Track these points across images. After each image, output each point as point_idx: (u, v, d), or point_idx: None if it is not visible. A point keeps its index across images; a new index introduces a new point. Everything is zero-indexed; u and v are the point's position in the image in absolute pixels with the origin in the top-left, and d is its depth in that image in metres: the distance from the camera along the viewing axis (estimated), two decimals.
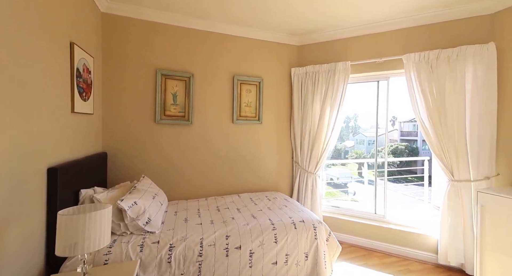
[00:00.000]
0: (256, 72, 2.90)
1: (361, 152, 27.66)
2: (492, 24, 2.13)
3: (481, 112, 2.11)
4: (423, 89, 2.28)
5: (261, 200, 2.49)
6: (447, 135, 2.22)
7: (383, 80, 2.73)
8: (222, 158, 2.76)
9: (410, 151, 22.10)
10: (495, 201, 1.79)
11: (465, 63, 2.14)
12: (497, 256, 1.78)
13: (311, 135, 2.87)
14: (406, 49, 2.43)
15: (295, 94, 2.96)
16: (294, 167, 3.07)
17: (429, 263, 2.41)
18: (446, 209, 2.25)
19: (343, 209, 2.99)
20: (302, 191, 2.92)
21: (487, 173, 2.13)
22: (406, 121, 23.95)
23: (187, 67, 2.60)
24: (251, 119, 2.89)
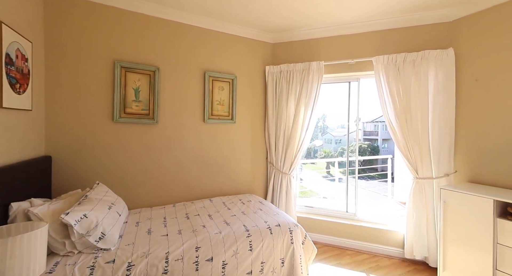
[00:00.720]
0: (229, 69, 2.75)
1: (329, 151, 29.11)
2: (451, 31, 2.28)
3: (441, 113, 2.24)
4: (391, 91, 2.37)
5: (234, 204, 2.35)
6: (412, 135, 2.33)
7: (354, 81, 2.79)
8: (192, 160, 2.56)
9: (371, 149, 23.86)
10: (455, 196, 1.91)
11: (428, 67, 2.27)
12: (457, 247, 1.89)
13: (285, 135, 2.81)
14: (376, 51, 2.50)
15: (270, 93, 2.88)
16: (269, 167, 2.99)
17: (396, 258, 2.51)
18: (412, 205, 2.36)
19: (317, 209, 3.00)
20: (277, 192, 2.85)
21: (446, 170, 2.27)
22: (369, 122, 25.74)
23: (152, 60, 2.35)
24: (224, 118, 2.73)
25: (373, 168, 17.89)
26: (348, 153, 3.09)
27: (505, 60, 1.94)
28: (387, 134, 26.52)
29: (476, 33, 2.12)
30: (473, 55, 2.14)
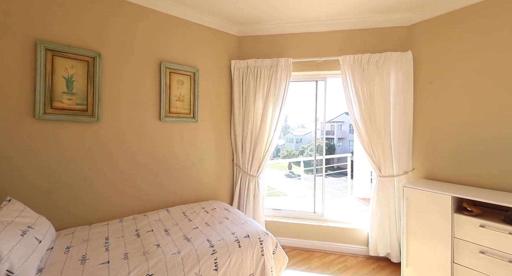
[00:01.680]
0: (190, 61, 2.44)
1: (291, 150, 30.21)
2: (409, 35, 2.39)
3: (401, 113, 2.33)
4: (357, 90, 2.38)
5: (197, 214, 2.07)
6: (376, 134, 2.38)
7: (321, 80, 2.76)
8: (145, 165, 2.18)
9: (329, 147, 25.54)
10: (417, 194, 1.98)
11: (389, 68, 2.33)
12: (419, 243, 1.96)
13: (253, 135, 2.63)
14: (343, 51, 2.49)
15: (236, 90, 2.66)
16: (235, 170, 2.77)
17: (361, 256, 2.55)
18: (375, 203, 2.41)
19: (284, 212, 2.89)
20: (244, 197, 2.65)
21: (405, 168, 2.38)
22: (327, 122, 27.48)
23: (92, 44, 1.91)
24: (185, 116, 2.41)
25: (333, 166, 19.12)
26: (315, 152, 3.04)
27: (456, 64, 2.09)
28: (341, 134, 28.68)
29: (431, 38, 2.25)
30: (428, 58, 2.26)
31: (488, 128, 1.92)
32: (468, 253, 1.70)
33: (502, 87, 1.85)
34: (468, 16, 2.02)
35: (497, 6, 1.87)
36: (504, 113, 1.84)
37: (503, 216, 1.64)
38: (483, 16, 1.94)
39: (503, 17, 1.85)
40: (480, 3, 1.95)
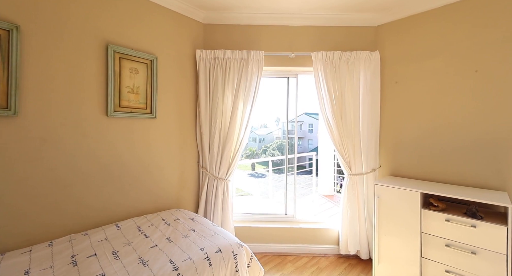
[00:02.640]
0: (146, 46, 2.07)
1: (253, 149, 30.43)
2: (376, 36, 2.45)
3: (369, 112, 2.37)
4: (329, 88, 2.33)
5: (156, 228, 1.74)
6: (346, 132, 2.37)
7: (293, 77, 2.66)
8: (87, 171, 1.75)
9: (290, 146, 26.49)
10: (387, 191, 2.00)
11: (359, 67, 2.35)
12: (389, 239, 1.99)
13: (222, 134, 2.38)
14: (315, 47, 2.43)
15: (202, 83, 2.37)
16: (201, 173, 2.47)
17: (332, 255, 2.53)
18: (346, 202, 2.41)
19: (255, 215, 2.71)
20: (211, 202, 2.38)
21: (373, 166, 2.43)
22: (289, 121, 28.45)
23: (6, 12, 1.43)
24: (140, 111, 2.03)
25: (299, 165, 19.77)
26: (287, 151, 2.93)
27: (419, 65, 2.19)
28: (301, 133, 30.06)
29: (396, 39, 2.33)
30: (394, 59, 2.34)
31: (447, 127, 2.05)
32: (435, 247, 1.76)
33: (459, 88, 1.99)
34: (430, 19, 2.13)
35: (455, 11, 2.00)
36: (461, 113, 1.98)
37: (465, 210, 1.74)
38: (442, 20, 2.06)
39: (459, 22, 1.98)
40: (440, 8, 2.07)
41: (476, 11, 1.90)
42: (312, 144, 25.21)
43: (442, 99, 2.07)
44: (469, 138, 1.94)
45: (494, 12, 1.83)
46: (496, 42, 1.82)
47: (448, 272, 1.71)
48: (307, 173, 7.41)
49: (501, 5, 1.80)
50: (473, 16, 1.91)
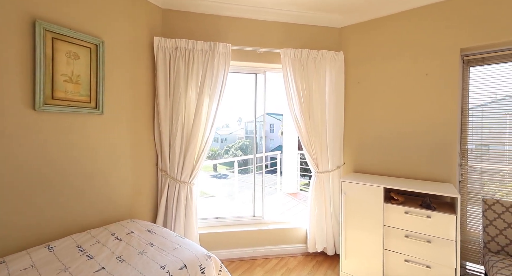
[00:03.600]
0: (90, 27, 1.72)
1: (215, 149, 29.80)
2: (340, 37, 2.52)
3: (335, 111, 2.43)
4: (297, 86, 2.31)
5: (102, 245, 1.44)
6: (314, 131, 2.38)
7: (261, 73, 2.57)
8: (9, 179, 1.35)
9: (252, 146, 26.76)
10: (352, 187, 2.06)
11: (325, 67, 2.38)
12: (354, 234, 2.05)
13: (185, 133, 2.15)
14: (283, 44, 2.38)
15: (161, 76, 2.10)
16: (161, 177, 2.20)
17: (300, 254, 2.52)
18: (314, 200, 2.43)
19: (222, 219, 2.54)
20: (172, 209, 2.13)
21: (338, 163, 2.50)
22: (249, 121, 28.61)
23: None
24: (81, 105, 1.68)
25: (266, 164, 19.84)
26: (255, 151, 2.83)
27: (378, 67, 2.33)
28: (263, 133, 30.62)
29: (358, 41, 2.44)
30: (356, 60, 2.44)
31: (403, 126, 2.21)
32: (395, 238, 1.87)
33: (413, 89, 2.16)
34: (388, 24, 2.28)
35: (412, 17, 2.17)
36: (414, 113, 2.16)
37: (420, 201, 1.89)
38: (399, 26, 2.22)
39: (414, 29, 2.16)
40: (396, 14, 2.23)
41: (427, 21, 2.09)
42: (274, 143, 25.90)
43: (399, 100, 2.23)
44: (421, 135, 2.12)
45: (443, 22, 2.02)
46: (443, 50, 2.01)
47: (407, 261, 1.83)
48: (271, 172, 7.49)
49: (451, 18, 2.00)
50: (425, 25, 2.10)
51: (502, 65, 1.91)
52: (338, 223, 2.45)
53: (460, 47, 1.94)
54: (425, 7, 2.09)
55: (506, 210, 1.77)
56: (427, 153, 2.09)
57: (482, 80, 1.99)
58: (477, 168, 2.04)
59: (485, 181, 2.01)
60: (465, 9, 1.93)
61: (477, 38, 1.88)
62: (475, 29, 1.88)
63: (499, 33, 1.81)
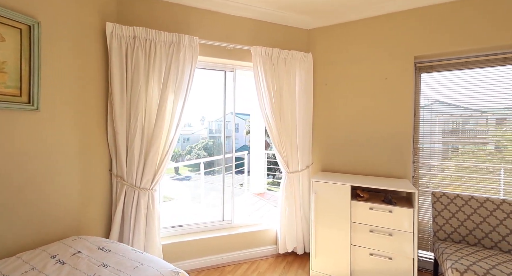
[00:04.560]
0: (21, 4, 1.38)
1: (177, 150, 28.38)
2: (309, 38, 2.56)
3: (304, 111, 2.46)
4: (268, 85, 2.27)
5: (39, 273, 1.16)
6: (284, 131, 2.37)
7: (230, 71, 2.45)
8: None
9: (217, 146, 26.22)
10: (322, 186, 2.10)
11: (295, 67, 2.39)
12: (324, 232, 2.09)
13: (146, 133, 1.91)
14: (254, 41, 2.31)
15: (116, 67, 1.83)
16: (116, 184, 1.92)
17: (270, 256, 2.49)
18: (284, 200, 2.42)
19: (188, 227, 2.36)
20: (130, 220, 1.88)
21: (307, 163, 2.53)
22: (214, 120, 28.04)
23: None
24: (6, 99, 1.34)
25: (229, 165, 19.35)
26: (225, 151, 2.70)
27: (343, 70, 2.43)
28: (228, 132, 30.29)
29: (325, 44, 2.51)
30: (324, 62, 2.51)
31: (366, 126, 2.34)
32: (361, 233, 1.96)
33: (374, 92, 2.30)
34: (352, 29, 2.39)
35: (373, 24, 2.30)
36: (375, 114, 2.30)
37: (382, 197, 2.02)
38: (362, 32, 2.34)
39: (375, 36, 2.29)
40: (360, 20, 2.35)
41: (386, 29, 2.24)
42: (238, 143, 25.82)
43: (362, 102, 2.35)
44: (382, 136, 2.28)
45: (400, 31, 2.19)
46: (400, 56, 2.19)
47: (371, 254, 1.93)
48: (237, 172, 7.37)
49: (407, 28, 2.17)
50: (385, 32, 2.25)
51: (447, 73, 2.16)
52: (308, 221, 2.49)
53: (414, 55, 2.13)
54: (384, 15, 2.24)
55: (451, 201, 2.00)
56: (387, 152, 2.25)
57: (430, 86, 2.22)
58: (426, 164, 2.28)
59: (433, 176, 2.26)
60: (417, 20, 2.12)
61: (427, 48, 2.08)
62: (425, 39, 2.09)
63: (444, 44, 2.03)
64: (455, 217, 1.96)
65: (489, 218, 1.86)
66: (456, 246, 1.82)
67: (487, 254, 1.70)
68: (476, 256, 1.66)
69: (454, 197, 2.00)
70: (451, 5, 2.00)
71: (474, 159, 2.16)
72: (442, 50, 2.03)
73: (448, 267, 1.61)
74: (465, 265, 1.55)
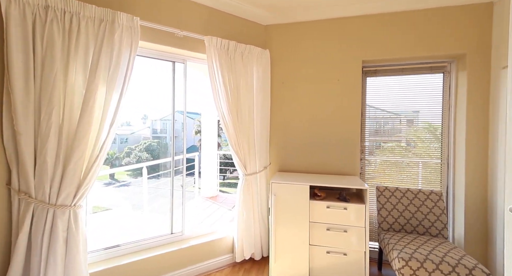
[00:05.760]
0: None
1: (112, 153, 24.96)
2: (266, 35, 2.47)
3: (261, 110, 2.35)
4: (225, 81, 2.07)
5: None
6: (242, 131, 2.22)
7: (180, 62, 2.15)
8: None
9: (163, 147, 24.19)
10: (281, 187, 2.03)
11: (253, 63, 2.26)
12: (284, 234, 2.02)
13: (64, 134, 1.46)
14: (208, 31, 2.07)
15: (16, 44, 1.33)
16: (17, 202, 1.40)
17: (226, 266, 2.30)
18: (242, 204, 2.26)
19: (127, 247, 1.95)
20: (41, 249, 1.41)
21: (264, 164, 2.44)
22: (158, 119, 25.86)
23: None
24: None
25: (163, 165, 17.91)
26: (173, 151, 2.36)
27: (299, 69, 2.43)
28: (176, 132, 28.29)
29: (282, 42, 2.46)
30: (280, 60, 2.46)
31: (320, 126, 2.39)
32: (319, 232, 1.97)
33: (328, 92, 2.36)
34: (308, 29, 2.40)
35: (327, 26, 2.35)
36: (328, 114, 2.37)
37: (337, 195, 2.07)
38: (317, 33, 2.38)
39: (328, 38, 2.35)
40: (316, 21, 2.38)
41: (339, 32, 2.33)
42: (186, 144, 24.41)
43: (317, 102, 2.39)
44: (335, 135, 2.36)
45: (351, 35, 2.30)
46: (351, 59, 2.30)
47: (328, 252, 1.95)
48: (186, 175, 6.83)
49: (356, 33, 2.29)
50: (338, 35, 2.33)
51: (387, 77, 2.39)
52: (265, 224, 2.40)
53: (362, 59, 2.27)
54: (337, 19, 2.31)
55: (392, 194, 2.20)
56: (340, 150, 2.34)
57: (374, 89, 2.42)
58: (371, 160, 2.47)
59: (376, 171, 2.47)
60: (366, 27, 2.26)
61: (372, 53, 2.25)
62: (372, 45, 2.24)
63: (387, 51, 2.22)
64: (396, 208, 2.16)
65: (422, 207, 2.11)
66: (398, 235, 2.00)
67: (422, 240, 1.91)
68: (415, 243, 1.85)
69: (394, 190, 2.21)
70: (393, 16, 2.17)
71: (400, 155, 2.45)
72: (385, 56, 2.22)
73: (395, 257, 1.74)
74: (409, 254, 1.69)
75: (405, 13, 2.14)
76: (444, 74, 2.25)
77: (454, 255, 1.66)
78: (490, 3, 1.96)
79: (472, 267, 1.55)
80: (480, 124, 2.02)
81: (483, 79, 2.00)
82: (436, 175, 2.33)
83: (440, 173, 2.31)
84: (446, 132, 2.27)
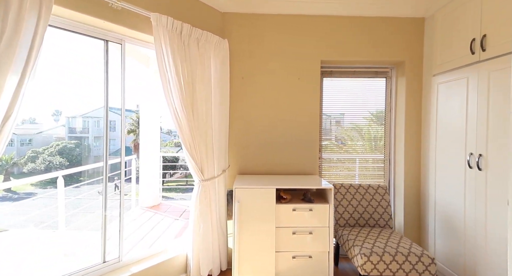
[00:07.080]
0: None
1: (7, 158, 19.47)
2: (224, 23, 2.22)
3: (220, 106, 2.10)
4: (177, 70, 1.73)
5: None
6: (198, 130, 1.92)
7: (115, 42, 1.67)
8: None
9: (84, 150, 20.29)
10: (245, 193, 1.84)
11: (210, 53, 1.99)
12: (247, 241, 1.84)
13: None
14: (156, 7, 1.67)
15: None
16: None
17: None
18: (199, 215, 1.96)
19: None
20: None
21: (223, 166, 2.20)
22: (77, 116, 21.71)
23: None
24: None
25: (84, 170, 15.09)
26: (106, 155, 1.83)
27: (260, 65, 2.27)
28: (99, 132, 24.16)
29: (242, 33, 2.25)
30: (240, 53, 2.25)
31: (281, 125, 2.30)
32: (285, 237, 1.86)
33: (288, 91, 2.29)
34: (268, 23, 2.26)
35: (288, 22, 2.26)
36: (289, 113, 2.30)
37: (302, 196, 2.02)
38: (278, 27, 2.26)
39: (289, 34, 2.28)
40: (277, 15, 2.25)
41: (298, 30, 2.28)
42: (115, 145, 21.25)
43: (278, 100, 2.30)
44: (295, 134, 2.31)
45: (310, 34, 2.28)
46: (310, 58, 2.28)
47: (294, 257, 1.87)
48: None
49: (315, 32, 2.28)
50: (298, 32, 2.27)
51: (341, 79, 2.50)
52: (225, 234, 2.16)
53: (321, 59, 2.29)
54: (298, 16, 2.26)
55: (347, 191, 2.31)
56: (300, 150, 2.31)
57: (330, 89, 2.50)
58: (326, 159, 2.55)
59: (331, 168, 2.57)
60: (324, 27, 2.27)
61: (329, 54, 2.29)
62: (329, 46, 2.29)
63: (342, 53, 2.30)
64: (351, 204, 2.27)
65: (372, 201, 2.28)
66: (354, 231, 2.10)
67: (375, 232, 2.05)
68: (371, 237, 1.96)
69: (349, 187, 2.32)
70: (352, 19, 2.26)
71: (348, 153, 2.63)
72: (341, 58, 2.30)
73: (357, 253, 1.79)
74: (369, 249, 1.77)
75: (362, 18, 2.26)
76: (386, 79, 2.51)
77: (405, 245, 1.83)
78: (422, 19, 2.27)
79: (420, 254, 1.72)
80: (416, 126, 2.32)
81: (418, 85, 2.30)
82: (381, 171, 2.58)
83: (383, 169, 2.57)
84: (388, 132, 2.54)
